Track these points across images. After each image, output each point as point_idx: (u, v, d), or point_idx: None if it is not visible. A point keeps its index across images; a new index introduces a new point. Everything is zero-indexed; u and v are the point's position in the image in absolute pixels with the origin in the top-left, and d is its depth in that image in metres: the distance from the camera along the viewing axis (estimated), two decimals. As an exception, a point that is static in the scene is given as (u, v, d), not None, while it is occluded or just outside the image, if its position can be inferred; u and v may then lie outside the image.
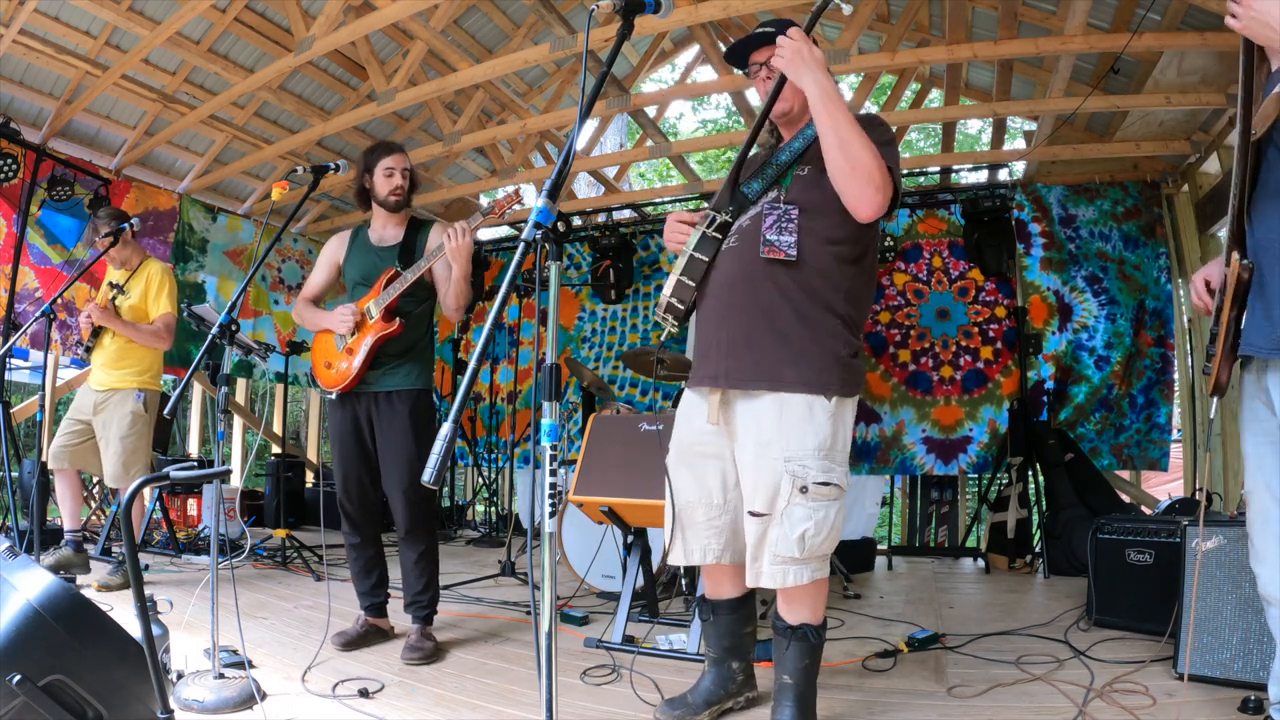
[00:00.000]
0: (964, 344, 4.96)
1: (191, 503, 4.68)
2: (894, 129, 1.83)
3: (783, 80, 1.76)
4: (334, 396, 2.58)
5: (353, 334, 2.55)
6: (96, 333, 3.38)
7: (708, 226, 1.79)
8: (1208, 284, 1.67)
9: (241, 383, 6.49)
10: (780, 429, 1.69)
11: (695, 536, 1.88)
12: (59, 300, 3.10)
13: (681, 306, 1.80)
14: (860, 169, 1.63)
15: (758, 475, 1.71)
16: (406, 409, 2.52)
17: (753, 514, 1.72)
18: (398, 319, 2.52)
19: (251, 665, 2.18)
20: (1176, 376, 4.62)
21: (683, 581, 3.18)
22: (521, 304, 6.00)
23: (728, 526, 1.86)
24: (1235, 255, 1.45)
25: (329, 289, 2.78)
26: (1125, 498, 4.69)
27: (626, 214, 6.29)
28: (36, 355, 6.02)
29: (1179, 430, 4.92)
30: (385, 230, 2.67)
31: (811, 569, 1.70)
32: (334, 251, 2.74)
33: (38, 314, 3.04)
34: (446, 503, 6.19)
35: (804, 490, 1.66)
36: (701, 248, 1.79)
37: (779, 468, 1.68)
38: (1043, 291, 4.82)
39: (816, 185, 1.76)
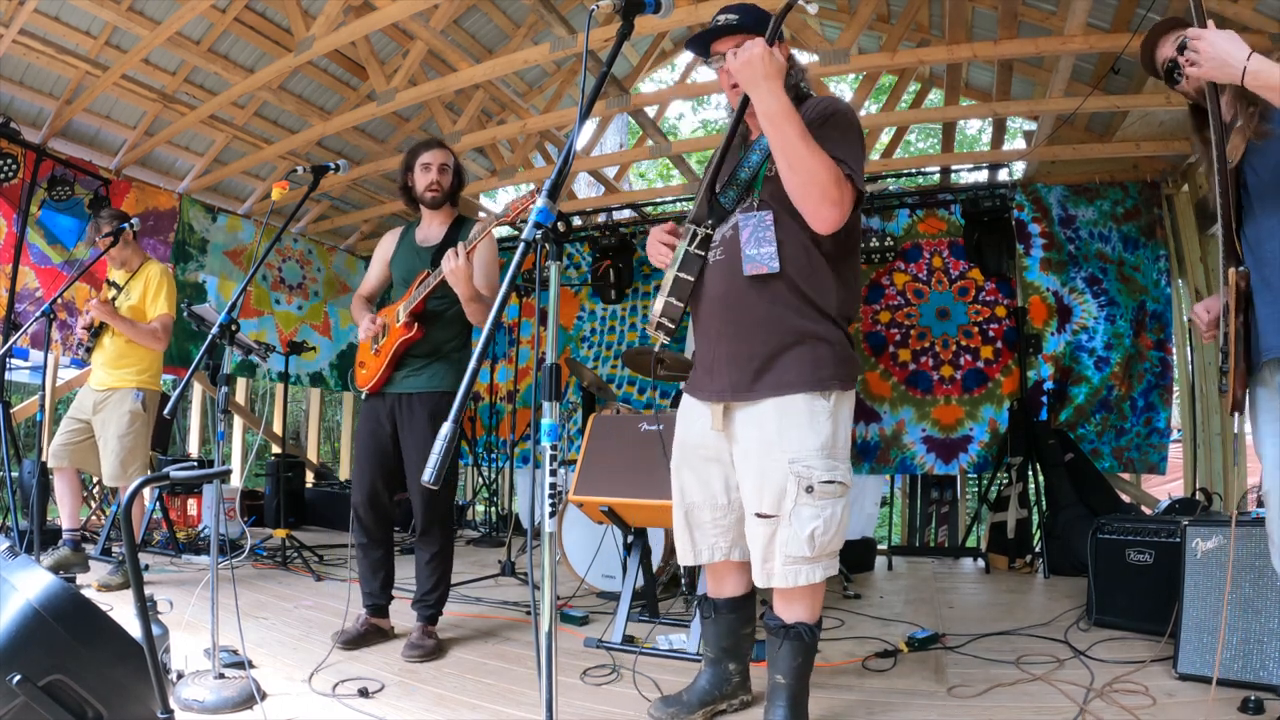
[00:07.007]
0: (964, 343, 4.96)
1: (191, 503, 4.68)
2: (865, 131, 1.78)
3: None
4: (364, 396, 2.64)
5: (383, 336, 2.58)
6: (96, 333, 3.38)
7: (690, 244, 1.77)
8: (1207, 312, 1.71)
9: (241, 383, 6.49)
10: (782, 431, 1.70)
11: (703, 536, 1.91)
12: (59, 300, 3.10)
13: (673, 326, 1.79)
14: (814, 186, 1.60)
15: (762, 477, 1.71)
16: (427, 413, 2.52)
17: (760, 516, 1.72)
18: (417, 324, 2.53)
19: (251, 665, 2.18)
20: (1176, 375, 4.62)
21: (683, 581, 3.18)
22: (521, 303, 6.00)
23: (734, 525, 1.87)
24: (1232, 269, 1.48)
25: (383, 286, 2.79)
26: (1125, 498, 4.69)
27: (626, 214, 6.30)
28: (36, 355, 6.02)
29: (1178, 430, 4.92)
30: (430, 229, 2.67)
31: (823, 567, 1.71)
32: (385, 249, 2.76)
33: (38, 314, 3.04)
34: (447, 503, 6.19)
35: (810, 490, 1.67)
36: (686, 267, 1.77)
37: (784, 469, 1.68)
38: (1042, 292, 4.82)
39: None
